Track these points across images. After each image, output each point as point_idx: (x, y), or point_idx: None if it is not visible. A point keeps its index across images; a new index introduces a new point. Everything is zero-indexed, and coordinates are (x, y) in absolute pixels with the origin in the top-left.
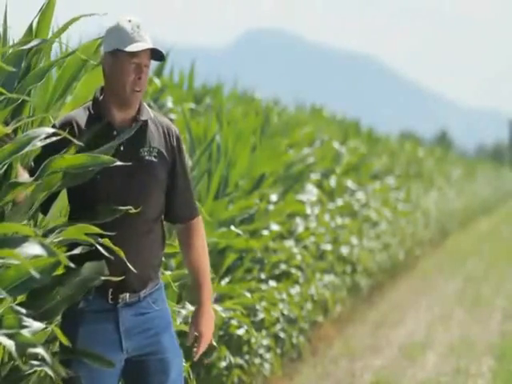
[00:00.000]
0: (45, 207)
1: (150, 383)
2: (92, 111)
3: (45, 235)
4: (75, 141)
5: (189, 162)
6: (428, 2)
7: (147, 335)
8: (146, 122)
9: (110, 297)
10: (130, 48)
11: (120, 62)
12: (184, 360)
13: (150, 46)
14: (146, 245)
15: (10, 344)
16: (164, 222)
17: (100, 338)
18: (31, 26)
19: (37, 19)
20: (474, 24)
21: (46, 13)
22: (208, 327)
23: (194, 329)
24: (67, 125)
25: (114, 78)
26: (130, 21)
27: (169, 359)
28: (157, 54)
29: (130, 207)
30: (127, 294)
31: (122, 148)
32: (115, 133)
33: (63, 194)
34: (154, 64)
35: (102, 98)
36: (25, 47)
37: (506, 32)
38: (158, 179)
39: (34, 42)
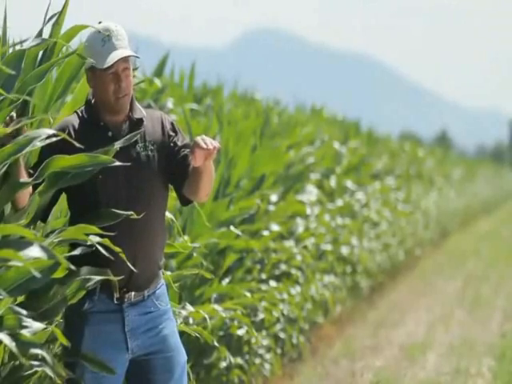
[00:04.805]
0: (43, 215)
1: (154, 382)
2: (85, 115)
3: (45, 236)
4: (75, 143)
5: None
6: (428, 2)
7: (151, 334)
8: (141, 120)
9: (116, 297)
10: (102, 65)
11: (98, 77)
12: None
13: (121, 54)
14: (151, 239)
15: (11, 343)
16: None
17: (106, 340)
18: (41, 32)
19: (49, 27)
20: (474, 24)
21: (58, 21)
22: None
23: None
24: (63, 130)
25: (97, 92)
26: (99, 32)
27: (173, 358)
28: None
29: (132, 212)
30: (132, 293)
31: (118, 148)
32: (110, 134)
33: (62, 198)
34: (154, 64)
35: (94, 101)
36: (24, 47)
37: (506, 32)
38: (156, 172)
39: (33, 42)
